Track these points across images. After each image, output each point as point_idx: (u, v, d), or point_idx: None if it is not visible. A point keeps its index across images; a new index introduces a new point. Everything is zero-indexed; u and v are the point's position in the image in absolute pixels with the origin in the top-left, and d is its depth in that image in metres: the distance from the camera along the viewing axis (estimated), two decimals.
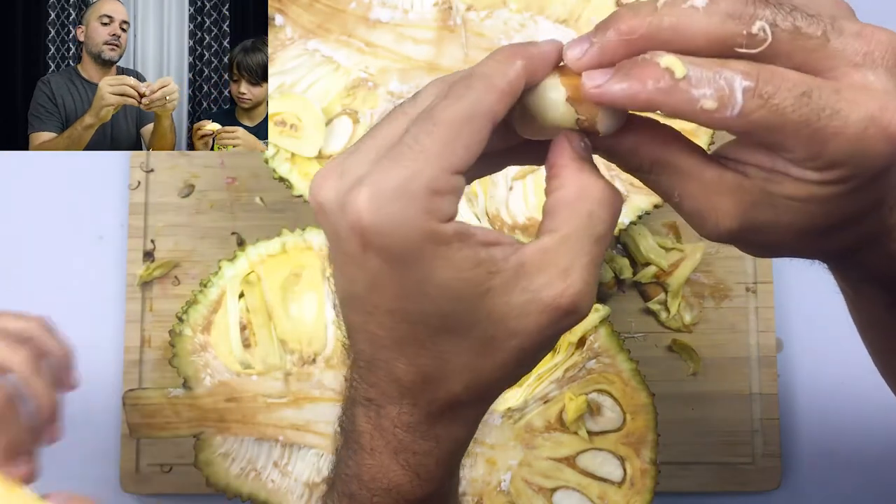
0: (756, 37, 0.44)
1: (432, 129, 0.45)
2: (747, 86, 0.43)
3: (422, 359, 0.48)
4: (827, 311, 1.02)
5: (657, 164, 0.48)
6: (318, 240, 0.87)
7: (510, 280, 0.46)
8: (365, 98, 0.87)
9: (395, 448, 0.52)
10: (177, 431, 0.86)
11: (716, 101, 0.43)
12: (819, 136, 0.43)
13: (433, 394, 0.50)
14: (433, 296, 0.46)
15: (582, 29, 0.87)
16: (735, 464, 0.98)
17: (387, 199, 0.44)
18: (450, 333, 0.47)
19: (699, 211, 0.48)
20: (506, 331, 0.47)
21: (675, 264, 1.00)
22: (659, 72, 0.44)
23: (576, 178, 0.47)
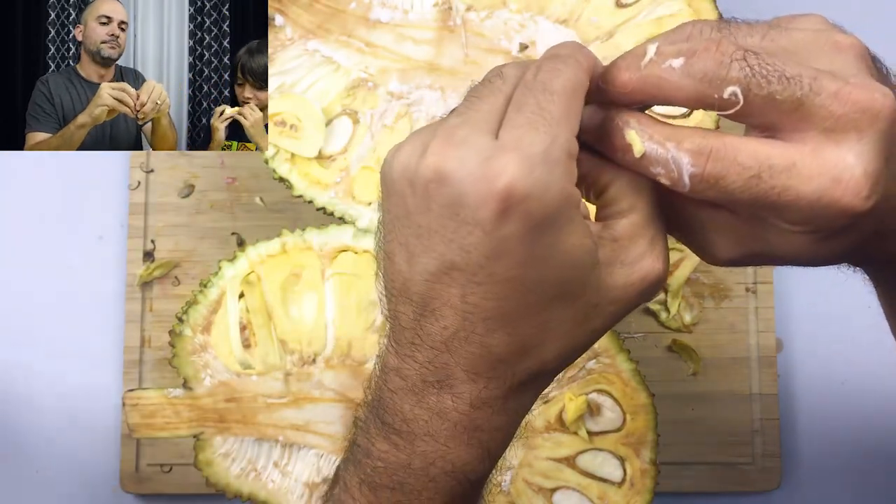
0: (727, 101, 0.46)
1: (553, 98, 0.47)
2: (693, 172, 0.47)
3: (526, 328, 0.49)
4: (827, 311, 1.02)
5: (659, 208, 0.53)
6: (318, 240, 0.87)
7: (610, 253, 0.50)
8: (365, 98, 0.87)
9: (466, 427, 0.52)
10: (177, 431, 0.86)
11: (668, 180, 0.48)
12: (772, 208, 0.47)
13: (525, 363, 0.51)
14: (558, 262, 0.48)
15: (582, 29, 0.86)
16: (735, 464, 0.98)
17: (536, 163, 0.46)
18: (560, 300, 0.49)
19: (698, 244, 0.52)
20: (608, 299, 0.50)
21: (675, 264, 1.00)
22: (625, 144, 0.49)
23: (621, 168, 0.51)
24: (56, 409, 1.02)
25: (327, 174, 0.86)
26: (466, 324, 0.49)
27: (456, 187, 0.46)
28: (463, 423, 0.52)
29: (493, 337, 0.49)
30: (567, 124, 0.47)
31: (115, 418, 1.01)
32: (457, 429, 0.52)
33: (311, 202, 0.86)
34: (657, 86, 0.47)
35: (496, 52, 0.87)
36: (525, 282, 0.48)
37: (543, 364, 0.51)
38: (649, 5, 0.86)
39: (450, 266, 0.48)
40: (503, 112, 0.48)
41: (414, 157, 0.48)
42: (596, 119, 0.50)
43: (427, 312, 0.50)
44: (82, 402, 1.02)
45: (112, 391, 1.01)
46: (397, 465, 0.54)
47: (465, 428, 0.52)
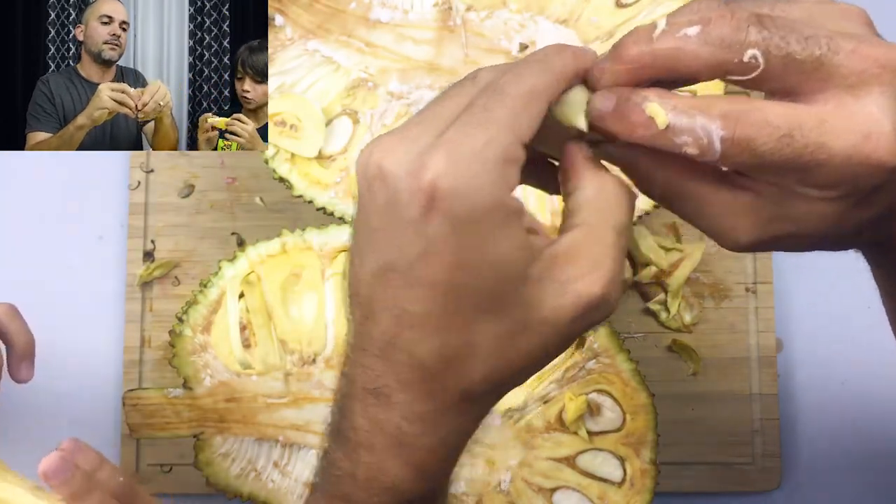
0: (748, 64, 0.45)
1: (503, 100, 0.46)
2: (724, 135, 0.45)
3: (451, 340, 0.47)
4: (827, 311, 1.02)
5: (668, 188, 0.50)
6: (318, 240, 0.87)
7: (544, 270, 0.47)
8: (365, 98, 0.87)
9: (399, 442, 0.50)
10: (177, 431, 0.86)
11: (697, 148, 0.45)
12: (804, 169, 0.45)
13: (451, 380, 0.49)
14: (484, 269, 0.46)
15: (582, 29, 0.87)
16: (735, 464, 0.98)
17: (465, 161, 0.44)
18: (486, 313, 0.47)
19: (719, 229, 0.50)
20: (539, 319, 0.47)
21: (675, 264, 1.00)
22: (645, 119, 0.46)
23: (592, 176, 0.49)
24: (56, 409, 1.02)
25: (327, 174, 0.87)
26: (398, 329, 0.48)
27: (392, 183, 0.46)
28: (396, 436, 0.50)
29: (421, 346, 0.48)
30: (511, 128, 0.46)
31: (115, 418, 1.01)
32: (390, 442, 0.50)
33: (311, 202, 0.86)
34: (672, 56, 0.46)
35: (496, 52, 0.87)
36: (451, 287, 0.46)
37: (472, 383, 0.49)
38: (649, 5, 0.86)
39: (388, 266, 0.47)
40: (465, 109, 0.47)
41: (365, 154, 0.48)
42: (608, 103, 0.48)
43: (370, 315, 0.49)
44: (82, 402, 1.02)
45: (112, 391, 1.01)
46: (347, 476, 0.53)
47: (398, 443, 0.50)
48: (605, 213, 0.48)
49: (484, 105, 0.46)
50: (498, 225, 0.45)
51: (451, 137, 0.45)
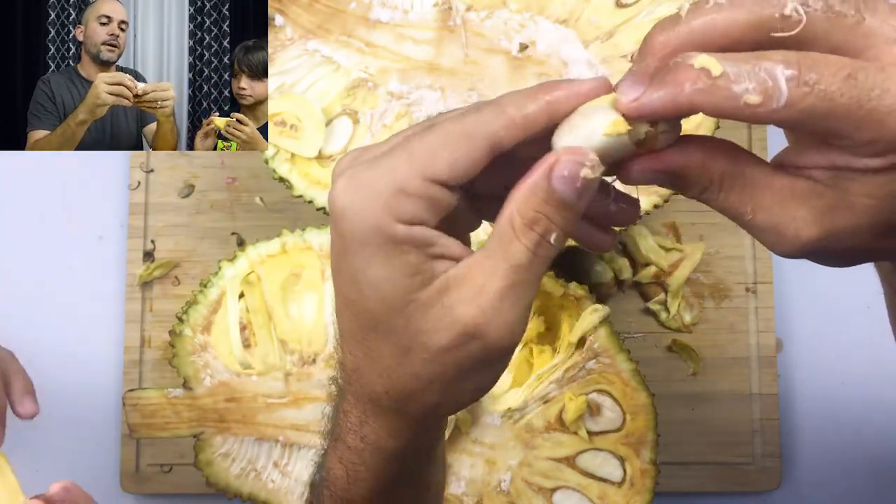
0: (790, 18, 0.42)
1: (425, 136, 0.46)
2: (790, 74, 0.41)
3: (357, 350, 0.50)
4: (827, 311, 1.02)
5: (727, 177, 0.46)
6: (318, 240, 0.87)
7: (435, 294, 0.47)
8: (365, 98, 0.87)
9: (337, 438, 0.55)
10: (177, 431, 0.86)
11: (760, 94, 0.41)
12: (873, 117, 0.42)
13: (361, 387, 0.52)
14: (364, 290, 0.47)
15: (582, 29, 0.86)
16: (735, 464, 0.98)
17: (356, 187, 0.46)
18: (374, 332, 0.48)
19: (775, 224, 0.45)
20: (419, 344, 0.47)
21: (675, 264, 1.00)
22: (695, 73, 0.42)
23: (518, 199, 0.46)
24: (56, 409, 1.02)
25: (327, 174, 0.86)
26: (338, 334, 0.52)
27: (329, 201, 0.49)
28: (337, 433, 0.55)
29: (345, 354, 0.51)
30: (419, 162, 0.45)
31: (115, 418, 1.01)
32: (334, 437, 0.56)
33: (311, 202, 0.86)
34: (709, 27, 0.43)
35: (496, 52, 0.87)
36: (348, 303, 0.49)
37: (376, 394, 0.51)
38: (649, 5, 0.86)
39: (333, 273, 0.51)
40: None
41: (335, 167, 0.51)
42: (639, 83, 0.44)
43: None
44: (82, 402, 1.02)
45: (112, 391, 1.01)
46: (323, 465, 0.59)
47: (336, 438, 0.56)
48: (505, 243, 0.46)
49: (407, 138, 0.47)
50: (378, 250, 0.46)
51: (363, 165, 0.47)
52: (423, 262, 0.46)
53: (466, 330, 0.46)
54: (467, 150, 0.46)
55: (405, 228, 0.46)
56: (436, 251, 0.47)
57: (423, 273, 0.47)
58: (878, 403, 1.01)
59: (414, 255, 0.46)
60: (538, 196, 0.45)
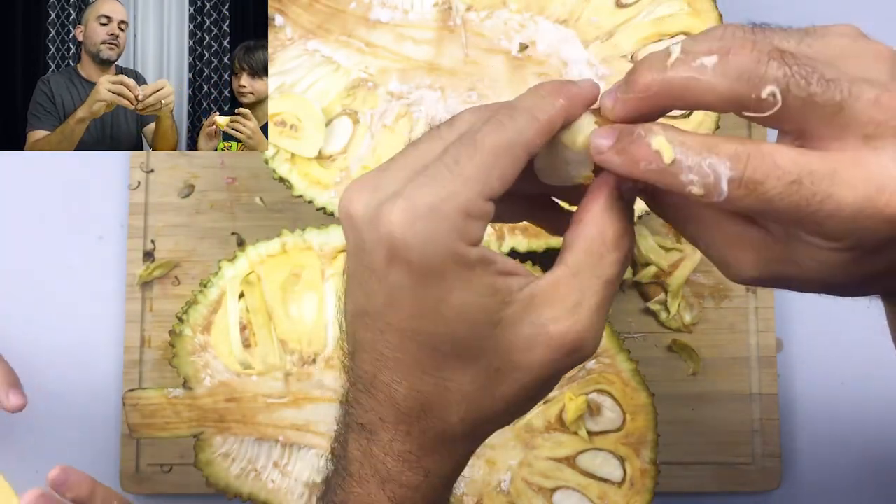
0: (765, 101, 0.43)
1: (473, 154, 0.46)
2: (732, 176, 0.43)
3: (424, 384, 0.48)
4: (827, 311, 1.02)
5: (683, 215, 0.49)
6: (318, 240, 0.87)
7: (521, 311, 0.47)
8: (365, 98, 0.87)
9: (384, 478, 0.51)
10: (177, 431, 0.86)
11: (702, 188, 0.44)
12: (812, 219, 0.43)
13: (428, 422, 0.49)
14: (448, 318, 0.46)
15: (582, 29, 0.87)
16: (735, 464, 0.98)
17: (420, 214, 0.45)
18: (457, 360, 0.47)
19: (723, 259, 0.49)
20: (511, 364, 0.47)
21: (675, 264, 1.00)
22: (650, 153, 0.45)
23: (599, 217, 0.48)
24: (56, 409, 1.02)
25: (327, 174, 0.86)
26: (376, 370, 0.49)
27: (357, 231, 0.47)
28: (382, 472, 0.51)
29: (397, 389, 0.49)
30: (477, 183, 0.45)
31: (115, 418, 1.01)
32: (377, 476, 0.52)
33: (311, 202, 0.86)
34: (686, 86, 0.44)
35: (496, 52, 0.87)
36: (419, 335, 0.47)
37: (449, 426, 0.50)
38: (649, 5, 0.86)
39: (362, 311, 0.49)
40: (433, 160, 0.47)
41: (342, 196, 0.49)
42: (608, 139, 0.47)
43: (355, 352, 0.51)
44: (82, 402, 1.02)
45: (112, 391, 1.01)
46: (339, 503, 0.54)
47: (383, 478, 0.52)
48: (595, 260, 0.47)
49: (454, 157, 0.46)
50: (457, 276, 0.45)
51: (414, 189, 0.45)
52: (496, 280, 0.47)
53: (565, 346, 0.47)
54: (513, 162, 0.47)
55: (477, 250, 0.46)
56: (500, 268, 0.47)
57: (501, 291, 0.47)
58: (878, 403, 1.01)
59: (488, 276, 0.46)
60: (616, 210, 0.48)
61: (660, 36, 0.86)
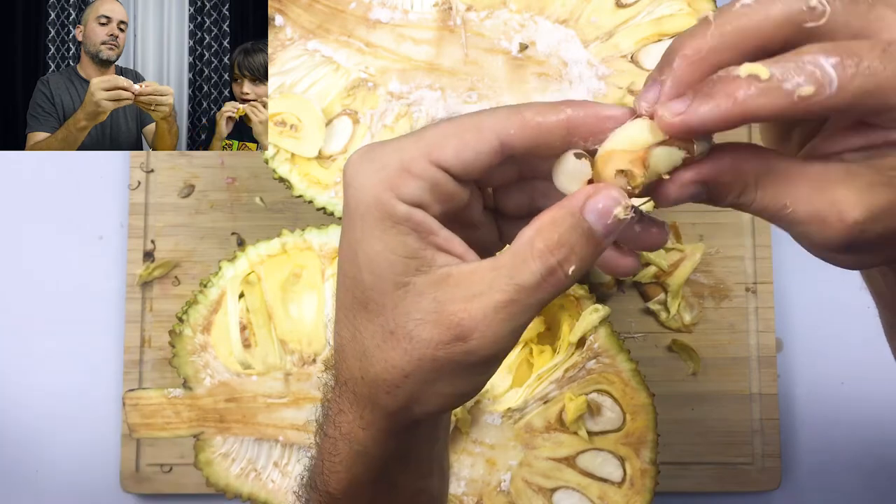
0: (815, 10, 0.43)
1: (439, 124, 0.47)
2: (834, 61, 0.42)
3: (343, 329, 0.50)
4: (827, 311, 1.02)
5: (761, 175, 0.45)
6: (318, 240, 0.87)
7: (430, 284, 0.47)
8: (365, 98, 0.87)
9: (320, 426, 0.55)
10: (177, 431, 0.86)
11: (812, 84, 0.42)
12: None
13: (340, 370, 0.51)
14: (360, 263, 0.47)
15: (582, 29, 0.86)
16: (735, 464, 0.98)
17: (366, 160, 0.47)
18: (364, 310, 0.48)
19: (817, 211, 0.45)
20: (403, 330, 0.47)
21: (675, 264, 1.00)
22: (743, 81, 0.42)
23: (540, 223, 0.46)
24: (56, 409, 1.02)
25: (327, 174, 0.86)
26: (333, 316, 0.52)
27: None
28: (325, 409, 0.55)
29: (332, 328, 0.51)
30: (427, 145, 0.46)
31: (115, 418, 1.01)
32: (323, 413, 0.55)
33: (311, 202, 0.86)
34: (742, 28, 0.43)
35: (496, 52, 0.87)
36: (345, 277, 0.49)
37: (353, 379, 0.50)
38: (649, 5, 0.86)
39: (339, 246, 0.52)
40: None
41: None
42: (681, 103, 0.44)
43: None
44: (82, 402, 1.02)
45: (112, 391, 1.01)
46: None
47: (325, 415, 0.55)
48: (517, 262, 0.46)
49: (426, 126, 0.47)
50: (376, 225, 0.46)
51: (379, 143, 0.48)
52: (422, 247, 0.47)
53: (451, 330, 0.46)
54: (475, 140, 0.46)
55: (405, 208, 0.46)
56: (436, 241, 0.47)
57: (421, 259, 0.47)
58: (878, 403, 1.01)
59: (413, 239, 0.46)
60: (566, 223, 0.45)
61: (660, 36, 0.86)
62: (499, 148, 0.46)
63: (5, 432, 1.02)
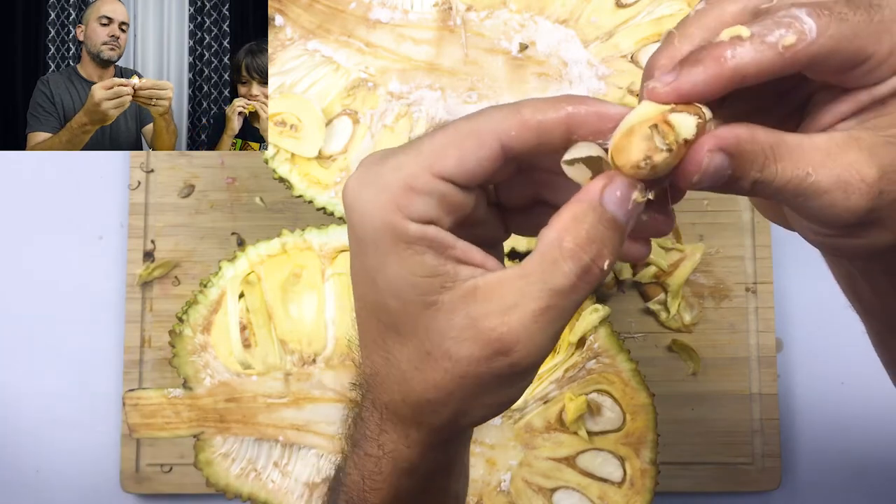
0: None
1: (435, 134, 0.45)
2: (808, 10, 0.43)
3: (374, 355, 0.49)
4: (827, 311, 1.02)
5: (776, 146, 0.45)
6: (318, 240, 0.87)
7: (459, 300, 0.45)
8: (365, 98, 0.87)
9: (356, 444, 0.53)
10: (177, 431, 0.86)
11: (794, 33, 0.43)
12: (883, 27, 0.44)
13: (378, 394, 0.50)
14: (381, 289, 0.46)
15: (582, 29, 0.86)
16: (735, 464, 0.98)
17: (366, 182, 0.45)
18: (395, 333, 0.47)
19: (838, 175, 0.44)
20: (441, 350, 0.46)
21: (675, 264, 1.00)
22: (727, 44, 0.43)
23: (563, 222, 0.44)
24: (56, 409, 1.02)
25: (327, 174, 0.86)
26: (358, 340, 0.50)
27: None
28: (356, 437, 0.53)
29: (363, 358, 0.50)
30: (427, 158, 0.45)
31: (115, 418, 1.01)
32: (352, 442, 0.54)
33: (311, 202, 0.86)
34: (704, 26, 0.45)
35: (496, 52, 0.87)
36: (366, 303, 0.47)
37: (393, 402, 0.49)
38: (649, 5, 0.86)
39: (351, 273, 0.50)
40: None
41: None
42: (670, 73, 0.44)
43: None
44: (82, 402, 1.02)
45: (112, 391, 1.01)
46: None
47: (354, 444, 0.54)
48: (547, 266, 0.44)
49: (420, 139, 0.46)
50: (391, 248, 0.45)
51: (373, 161, 0.46)
52: (441, 263, 0.45)
53: (492, 345, 0.45)
54: (476, 147, 0.45)
55: (417, 227, 0.45)
56: (455, 254, 0.46)
57: (443, 275, 0.45)
58: (878, 403, 1.01)
59: (430, 256, 0.45)
60: (590, 217, 0.44)
61: (660, 36, 0.86)
62: (500, 152, 0.45)
63: (5, 432, 1.02)
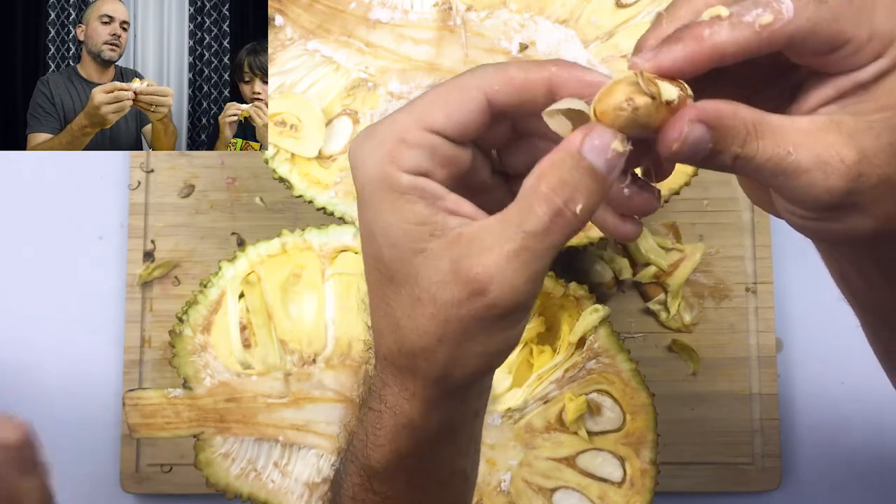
0: None
1: (428, 92, 0.49)
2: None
3: (377, 306, 0.51)
4: (827, 311, 1.02)
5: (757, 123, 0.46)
6: (318, 240, 0.87)
7: (445, 246, 0.48)
8: (365, 98, 0.87)
9: (363, 403, 0.56)
10: (177, 431, 0.86)
11: (771, 13, 0.44)
12: (864, 13, 0.45)
13: (378, 347, 0.52)
14: (378, 239, 0.49)
15: (582, 29, 0.87)
16: (735, 464, 0.98)
17: (366, 139, 0.49)
18: (391, 283, 0.49)
19: (817, 155, 0.46)
20: (427, 295, 0.48)
21: (675, 264, 1.00)
22: (706, 23, 0.45)
23: (544, 168, 0.46)
24: (56, 409, 1.02)
25: (327, 174, 0.87)
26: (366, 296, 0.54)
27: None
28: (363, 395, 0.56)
29: (370, 314, 0.52)
30: (419, 114, 0.48)
31: (115, 418, 1.01)
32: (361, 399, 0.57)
33: (311, 202, 0.86)
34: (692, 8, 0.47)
35: (496, 52, 0.87)
36: (368, 256, 0.50)
37: (391, 353, 0.51)
38: (649, 5, 0.86)
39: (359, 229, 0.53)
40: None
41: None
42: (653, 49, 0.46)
43: None
44: (82, 403, 1.02)
45: (112, 391, 1.01)
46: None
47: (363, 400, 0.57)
48: (523, 209, 0.46)
49: (415, 99, 0.49)
50: (385, 198, 0.48)
51: (376, 122, 0.50)
52: (432, 213, 0.48)
53: (470, 286, 0.47)
54: (462, 101, 0.48)
55: (409, 177, 0.48)
56: (445, 205, 0.48)
57: (433, 224, 0.48)
58: (878, 403, 1.01)
59: (422, 206, 0.48)
60: (566, 164, 0.46)
61: None
62: (486, 105, 0.48)
63: None
